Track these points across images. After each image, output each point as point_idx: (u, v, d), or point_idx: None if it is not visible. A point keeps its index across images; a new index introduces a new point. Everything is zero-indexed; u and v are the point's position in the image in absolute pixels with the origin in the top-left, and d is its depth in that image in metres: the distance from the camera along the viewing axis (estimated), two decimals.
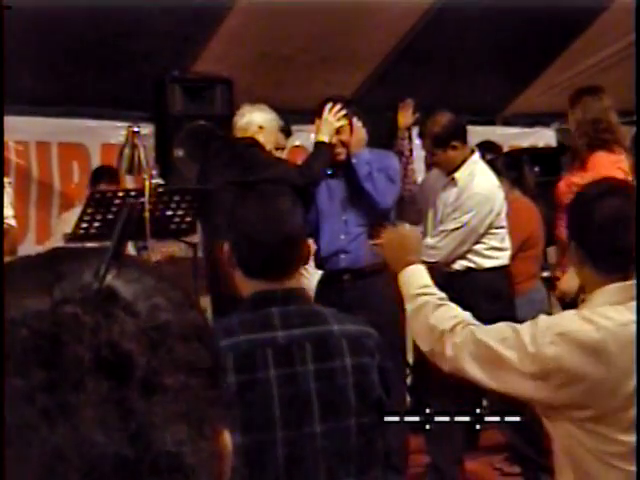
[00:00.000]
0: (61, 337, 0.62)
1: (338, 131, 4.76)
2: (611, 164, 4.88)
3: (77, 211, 5.89)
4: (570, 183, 4.89)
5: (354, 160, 4.76)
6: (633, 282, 2.24)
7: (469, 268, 4.74)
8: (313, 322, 2.22)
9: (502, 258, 4.80)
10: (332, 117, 4.74)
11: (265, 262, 2.24)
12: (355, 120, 4.80)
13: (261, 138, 4.83)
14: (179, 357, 0.65)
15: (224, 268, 2.33)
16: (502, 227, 4.78)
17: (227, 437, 0.70)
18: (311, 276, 5.16)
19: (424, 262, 4.93)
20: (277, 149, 4.99)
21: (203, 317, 0.70)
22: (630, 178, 4.86)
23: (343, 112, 4.76)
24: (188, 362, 0.66)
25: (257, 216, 2.26)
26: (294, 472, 2.15)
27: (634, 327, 2.17)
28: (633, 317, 2.19)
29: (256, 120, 4.87)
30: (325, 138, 4.74)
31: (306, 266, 4.13)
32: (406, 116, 5.34)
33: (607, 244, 2.27)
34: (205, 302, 4.91)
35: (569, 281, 4.73)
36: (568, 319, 2.24)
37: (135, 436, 0.62)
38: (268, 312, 2.20)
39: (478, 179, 4.74)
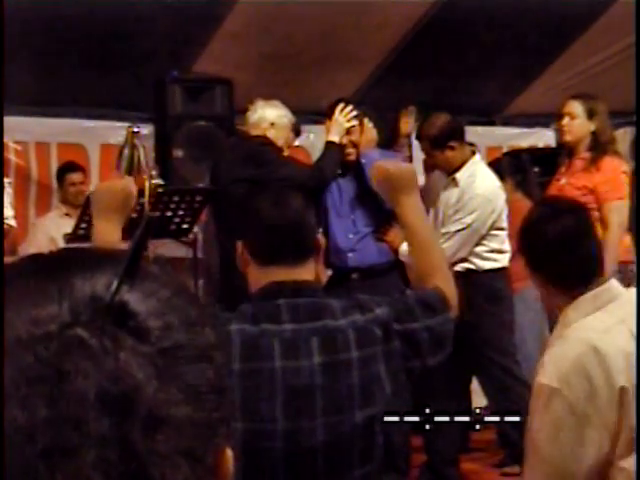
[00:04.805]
0: (66, 369, 0.60)
1: (348, 131, 4.78)
2: (617, 168, 4.92)
3: (51, 216, 5.94)
4: (580, 187, 4.91)
5: (363, 160, 4.77)
6: (598, 290, 2.30)
7: (469, 270, 4.74)
8: (321, 316, 2.21)
9: (502, 260, 4.80)
10: (342, 117, 4.75)
11: (276, 246, 2.26)
12: (366, 121, 4.81)
13: (272, 135, 4.83)
14: (187, 382, 0.63)
15: (241, 268, 2.34)
16: (502, 229, 4.78)
17: (229, 456, 0.68)
18: None
19: None
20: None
21: (215, 332, 0.68)
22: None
23: (354, 113, 4.77)
24: (196, 386, 0.64)
25: (269, 206, 2.29)
26: (293, 465, 2.16)
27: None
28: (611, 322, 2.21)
29: (268, 117, 4.86)
30: (335, 138, 4.75)
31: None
32: (408, 123, 5.35)
33: (563, 263, 2.34)
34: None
35: None
36: None
37: (134, 475, 0.60)
38: (277, 304, 2.21)
39: (480, 180, 4.74)
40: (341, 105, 4.79)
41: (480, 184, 4.73)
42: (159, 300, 0.65)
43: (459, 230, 4.68)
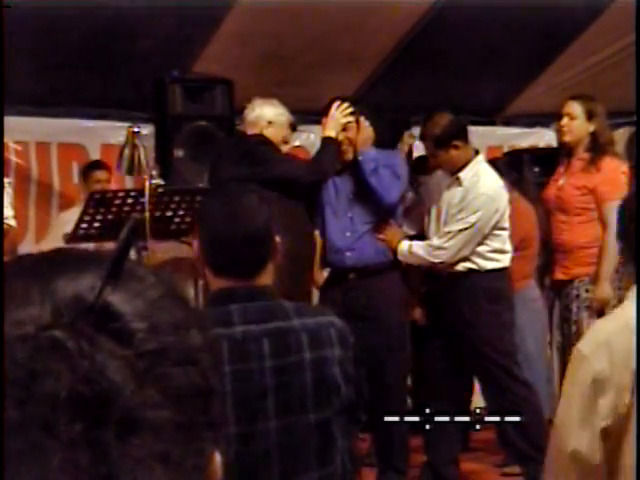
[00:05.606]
0: (38, 370, 0.59)
1: (345, 128, 4.77)
2: (617, 169, 4.96)
3: (76, 211, 5.90)
4: (580, 186, 4.94)
5: (360, 157, 4.76)
6: None
7: (471, 269, 4.74)
8: (273, 318, 2.19)
9: (503, 260, 4.80)
10: (339, 113, 4.75)
11: (229, 261, 2.24)
12: (362, 119, 4.81)
13: (270, 133, 4.81)
14: (169, 385, 0.62)
15: (199, 268, 2.33)
16: (505, 229, 4.79)
17: (217, 460, 0.67)
18: None
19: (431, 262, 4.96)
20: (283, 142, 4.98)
21: (204, 336, 0.67)
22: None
23: (350, 109, 4.76)
24: (178, 389, 0.62)
25: (220, 215, 2.27)
26: (247, 467, 2.14)
27: None
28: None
29: (266, 115, 4.85)
30: (332, 133, 4.74)
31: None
32: (407, 145, 5.57)
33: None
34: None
35: (605, 289, 4.80)
36: None
37: (104, 479, 0.59)
38: (227, 309, 2.19)
39: (484, 179, 4.75)
40: (337, 102, 4.79)
41: (484, 184, 4.73)
42: (145, 301, 0.64)
43: (462, 229, 4.68)
